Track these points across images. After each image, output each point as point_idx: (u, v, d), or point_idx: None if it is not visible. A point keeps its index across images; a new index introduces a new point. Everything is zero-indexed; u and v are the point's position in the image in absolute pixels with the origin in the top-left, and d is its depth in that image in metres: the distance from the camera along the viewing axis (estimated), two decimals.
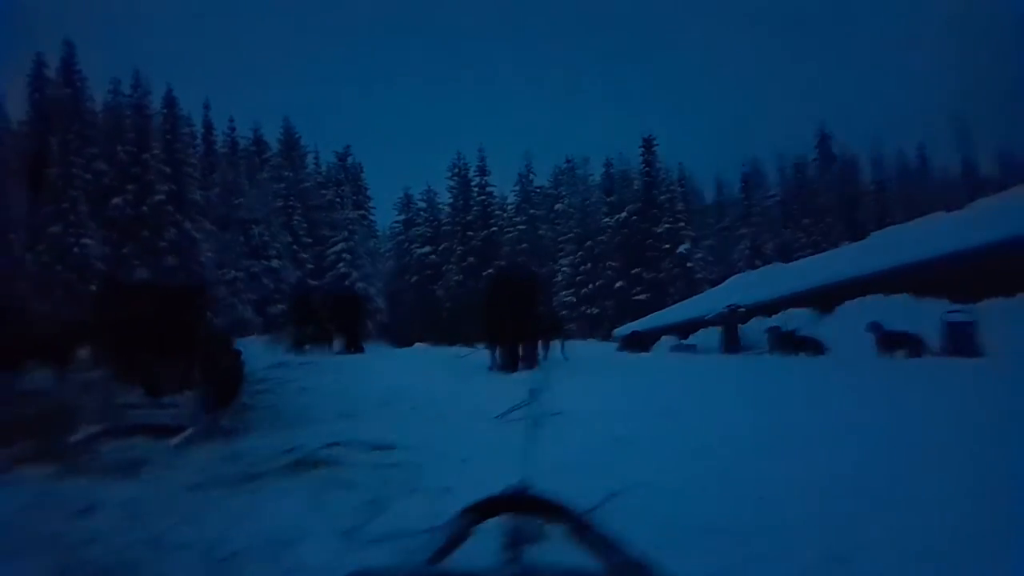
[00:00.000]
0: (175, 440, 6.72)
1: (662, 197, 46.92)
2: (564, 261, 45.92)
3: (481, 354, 13.84)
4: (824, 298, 25.15)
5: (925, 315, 17.01)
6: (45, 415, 8.63)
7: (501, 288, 12.95)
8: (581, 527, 1.10)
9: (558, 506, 1.16)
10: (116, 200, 34.64)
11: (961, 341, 15.48)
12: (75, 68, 37.81)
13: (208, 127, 47.28)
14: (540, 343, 13.90)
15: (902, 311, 18.97)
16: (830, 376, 10.89)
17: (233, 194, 40.38)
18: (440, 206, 49.94)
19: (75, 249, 31.76)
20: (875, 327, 16.07)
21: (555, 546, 1.53)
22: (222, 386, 8.00)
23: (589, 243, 45.66)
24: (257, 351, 15.46)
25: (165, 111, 39.11)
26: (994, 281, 18.44)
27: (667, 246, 45.07)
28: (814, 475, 4.80)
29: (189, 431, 6.96)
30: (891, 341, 15.68)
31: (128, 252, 33.51)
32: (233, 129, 48.68)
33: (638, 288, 43.17)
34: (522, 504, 1.21)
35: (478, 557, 1.27)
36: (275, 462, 6.00)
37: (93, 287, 29.96)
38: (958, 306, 17.03)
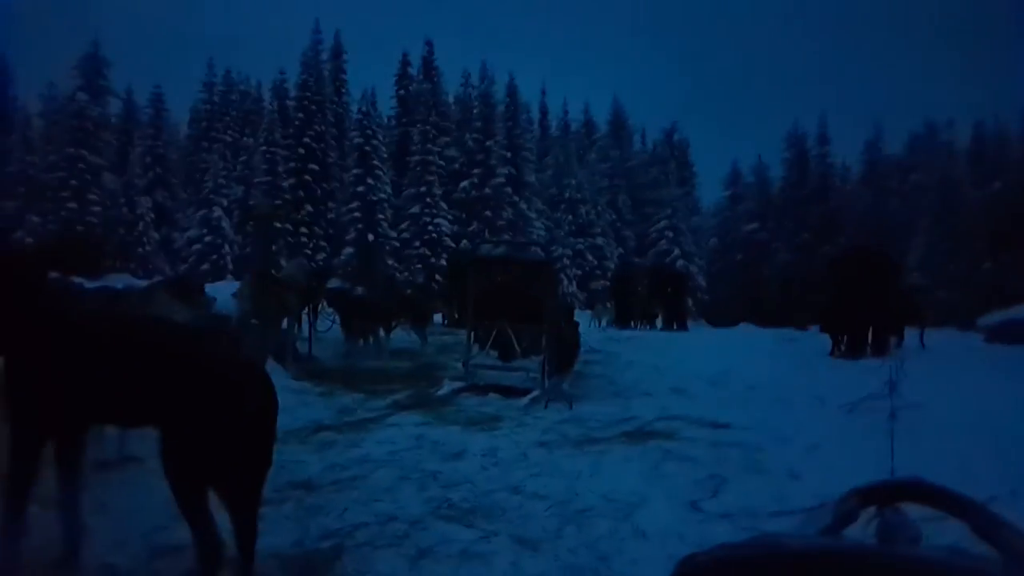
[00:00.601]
0: (524, 400, 7.36)
1: None
2: (917, 240, 40.85)
3: (815, 338, 12.99)
4: None
5: None
6: (416, 369, 10.08)
7: (853, 270, 11.90)
8: (989, 523, 0.98)
9: (963, 498, 1.05)
10: (464, 183, 38.55)
11: None
12: (433, 64, 42.72)
13: (544, 112, 50.59)
14: (897, 329, 12.61)
15: None
16: None
17: (564, 175, 42.63)
18: (772, 180, 47.47)
19: (430, 227, 36.14)
20: None
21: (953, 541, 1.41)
22: (563, 354, 8.55)
23: (950, 219, 40.01)
24: (584, 324, 16.22)
25: (507, 99, 42.38)
26: None
27: None
28: None
29: (535, 393, 7.58)
30: None
31: (473, 230, 37.14)
32: (566, 112, 51.50)
33: (1013, 271, 36.82)
34: (920, 493, 1.11)
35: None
36: (614, 429, 6.30)
37: (446, 261, 33.92)
38: None
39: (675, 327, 20.23)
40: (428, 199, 36.64)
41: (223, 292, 8.81)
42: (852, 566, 0.47)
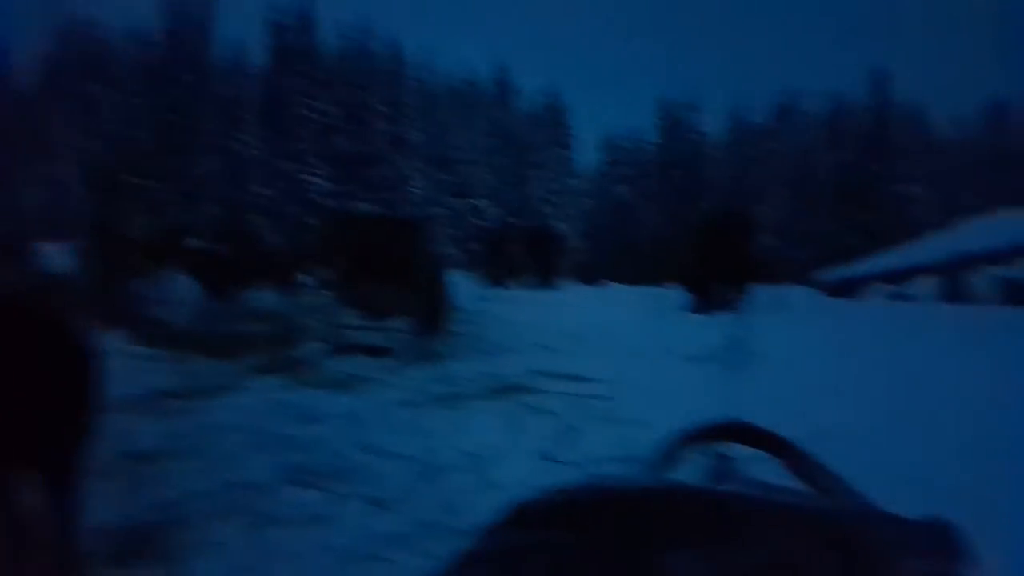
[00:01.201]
0: (390, 360, 7.26)
1: (892, 135, 42.66)
2: (772, 202, 43.37)
3: (676, 295, 13.58)
4: None
5: None
6: (276, 332, 9.72)
7: (712, 229, 12.51)
8: (802, 460, 1.04)
9: (778, 438, 1.11)
10: (340, 140, 37.35)
11: None
12: (309, 14, 40.64)
13: (425, 69, 49.61)
14: (746, 286, 13.37)
15: None
16: None
17: (445, 134, 42.16)
18: (644, 145, 48.84)
19: (304, 184, 34.85)
20: None
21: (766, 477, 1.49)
22: (433, 313, 8.49)
23: (803, 184, 42.71)
24: (459, 284, 16.19)
25: (388, 54, 41.09)
26: None
27: (892, 188, 41.15)
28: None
29: (402, 353, 7.50)
30: None
31: (349, 188, 36.18)
32: (448, 70, 50.75)
33: (851, 232, 39.93)
34: (739, 433, 1.17)
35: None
36: (479, 386, 6.34)
37: (317, 220, 32.85)
38: None
39: (545, 285, 20.64)
40: (301, 155, 35.22)
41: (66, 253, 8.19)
42: (672, 503, 0.48)
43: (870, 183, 41.58)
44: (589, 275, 32.72)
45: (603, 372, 6.60)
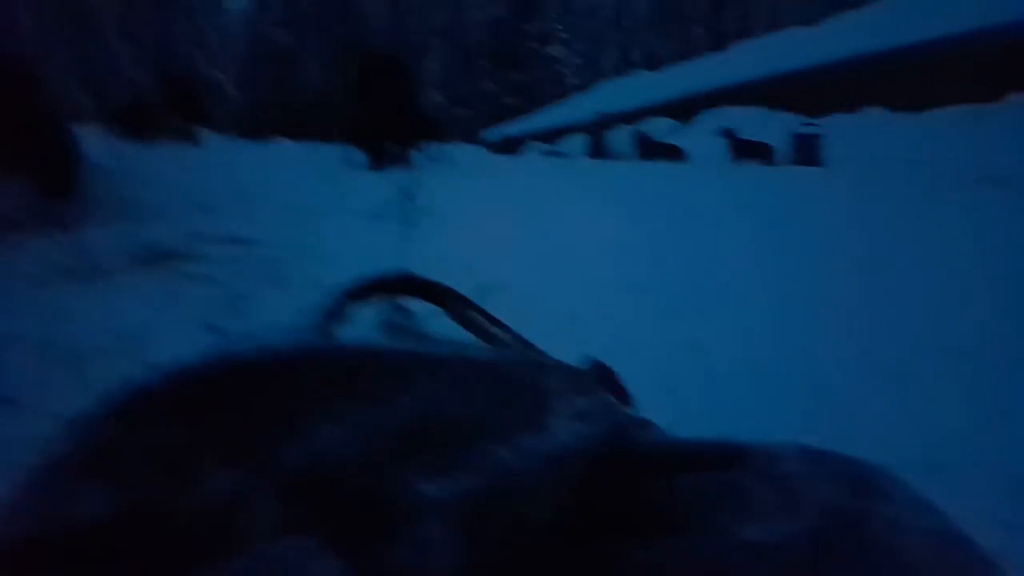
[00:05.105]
0: (7, 231, 6.10)
1: None
2: (433, 58, 43.77)
3: (347, 150, 13.28)
4: (684, 108, 25.92)
5: (778, 127, 18.02)
6: None
7: (368, 76, 12.01)
8: (466, 309, 1.04)
9: (443, 287, 1.12)
10: None
11: (807, 152, 16.52)
12: None
13: None
14: (417, 142, 13.43)
15: (756, 122, 19.96)
16: (689, 180, 11.38)
17: None
18: None
19: None
20: (728, 135, 16.76)
21: (437, 327, 1.50)
22: (60, 173, 7.24)
23: (459, 39, 43.54)
24: (93, 138, 14.07)
25: None
26: (840, 96, 19.53)
27: (539, 47, 43.85)
28: (670, 274, 5.09)
29: (23, 221, 6.34)
30: (744, 149, 16.49)
31: None
32: None
33: (509, 91, 42.30)
34: (404, 285, 1.15)
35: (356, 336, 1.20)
36: (125, 255, 5.64)
37: None
38: (809, 119, 18.02)
39: (192, 140, 18.93)
40: None
41: None
42: (307, 368, 0.43)
43: (518, 41, 43.96)
44: (250, 129, 30.62)
45: (270, 233, 6.28)
